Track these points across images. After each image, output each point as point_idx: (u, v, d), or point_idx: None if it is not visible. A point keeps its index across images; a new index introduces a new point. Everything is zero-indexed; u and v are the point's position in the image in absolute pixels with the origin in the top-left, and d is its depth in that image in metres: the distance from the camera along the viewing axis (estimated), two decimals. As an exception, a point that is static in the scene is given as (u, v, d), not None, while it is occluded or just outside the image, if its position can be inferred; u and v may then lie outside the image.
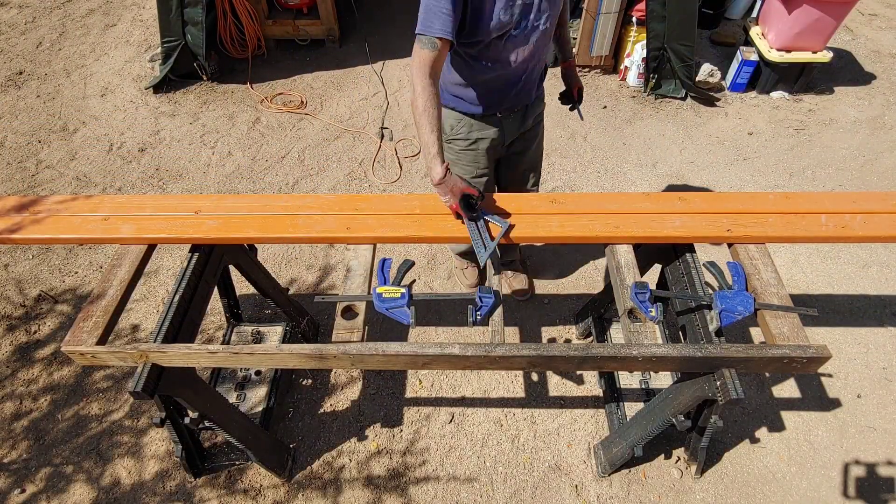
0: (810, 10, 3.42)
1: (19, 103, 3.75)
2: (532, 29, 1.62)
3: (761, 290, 1.48)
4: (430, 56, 1.51)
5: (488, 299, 1.42)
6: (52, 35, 4.39)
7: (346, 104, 3.80)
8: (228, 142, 3.49)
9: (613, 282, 1.58)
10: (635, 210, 1.65)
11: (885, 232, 1.59)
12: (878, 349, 2.45)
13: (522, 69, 1.73)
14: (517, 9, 1.55)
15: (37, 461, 2.08)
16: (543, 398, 2.29)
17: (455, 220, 1.62)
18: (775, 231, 1.59)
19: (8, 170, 3.27)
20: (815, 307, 1.57)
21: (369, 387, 2.32)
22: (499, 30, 1.56)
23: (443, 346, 1.37)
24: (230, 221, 1.64)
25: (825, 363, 1.35)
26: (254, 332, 2.34)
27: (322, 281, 2.72)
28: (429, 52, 1.51)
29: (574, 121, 3.70)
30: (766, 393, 2.31)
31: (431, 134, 1.51)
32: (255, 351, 1.40)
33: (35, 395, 2.27)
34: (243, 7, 3.77)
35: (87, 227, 1.63)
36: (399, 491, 2.03)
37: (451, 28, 1.49)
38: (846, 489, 2.04)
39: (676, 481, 2.05)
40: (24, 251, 2.83)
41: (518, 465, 2.10)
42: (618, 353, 1.34)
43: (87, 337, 1.40)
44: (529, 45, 1.65)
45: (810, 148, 3.51)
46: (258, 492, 2.01)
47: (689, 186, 3.24)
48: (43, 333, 2.48)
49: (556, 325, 2.56)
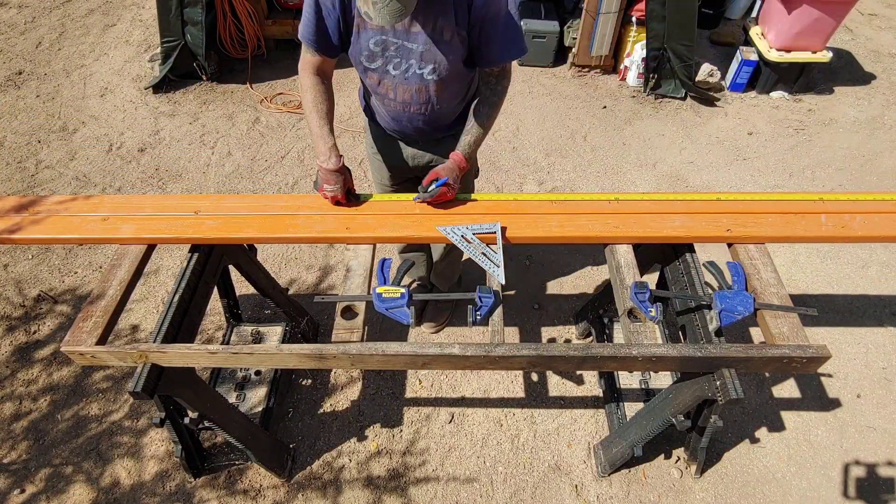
0: (810, 10, 3.42)
1: (19, 103, 3.75)
2: (413, 75, 1.52)
3: (761, 289, 1.48)
4: (312, 59, 1.55)
5: (488, 299, 1.42)
6: (52, 35, 4.38)
7: (345, 104, 3.80)
8: (228, 142, 3.49)
9: (613, 282, 1.58)
10: (635, 210, 1.65)
11: (884, 232, 1.60)
12: (877, 349, 2.45)
13: (403, 108, 1.64)
14: (391, 46, 1.47)
15: (36, 462, 2.08)
16: (543, 398, 2.29)
17: (454, 221, 1.62)
18: (775, 231, 1.59)
19: (7, 170, 3.27)
20: (815, 307, 1.57)
21: (369, 387, 2.32)
22: (368, 61, 1.52)
23: (442, 346, 1.37)
24: (230, 221, 1.64)
25: (825, 363, 1.35)
26: (253, 332, 2.34)
27: (322, 281, 2.72)
28: (310, 55, 1.55)
29: (574, 121, 3.71)
30: (765, 393, 2.31)
31: (323, 128, 1.56)
32: (255, 351, 1.40)
33: (35, 396, 2.27)
34: (243, 7, 3.77)
35: (87, 228, 1.63)
36: (399, 491, 2.02)
37: (312, 37, 1.49)
38: (846, 489, 2.04)
39: (676, 481, 2.05)
40: (24, 251, 2.83)
41: (518, 465, 2.10)
42: (617, 353, 1.34)
43: (87, 337, 1.40)
44: (410, 88, 1.55)
45: (810, 148, 3.51)
46: (258, 492, 2.01)
47: (689, 186, 3.24)
48: (42, 334, 2.48)
49: (556, 325, 2.56)
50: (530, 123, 3.68)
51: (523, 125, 3.67)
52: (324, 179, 1.58)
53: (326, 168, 1.56)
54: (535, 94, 3.93)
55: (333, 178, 1.57)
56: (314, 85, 1.57)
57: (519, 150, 3.49)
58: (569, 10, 4.15)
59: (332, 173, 1.57)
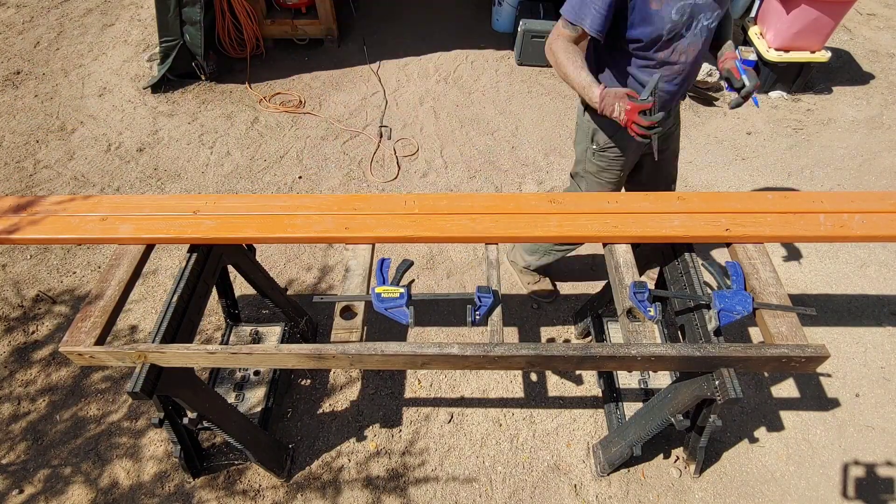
0: (809, 10, 3.42)
1: (17, 103, 3.74)
2: (702, 28, 1.63)
3: (760, 289, 1.48)
4: (572, 35, 1.61)
5: (487, 299, 1.42)
6: (50, 35, 4.38)
7: (344, 104, 3.80)
8: (227, 141, 3.49)
9: (612, 281, 1.58)
10: (634, 210, 1.65)
11: (883, 231, 1.60)
12: (876, 348, 2.46)
13: (689, 69, 1.74)
14: (688, 9, 1.56)
15: (35, 462, 2.08)
16: (542, 398, 2.29)
17: (452, 220, 1.62)
18: (774, 230, 1.59)
19: (6, 170, 3.26)
20: (814, 307, 1.57)
21: (368, 387, 2.32)
22: (669, 33, 1.58)
23: (442, 346, 1.36)
24: (229, 221, 1.64)
25: (823, 362, 1.35)
26: (252, 332, 2.33)
27: (321, 281, 2.72)
28: (570, 32, 1.60)
29: (573, 121, 3.70)
30: (764, 392, 2.31)
31: (580, 70, 1.60)
32: (254, 351, 1.39)
33: (33, 397, 2.27)
34: (242, 6, 3.76)
35: (86, 228, 1.62)
36: (398, 491, 2.02)
37: (602, 27, 1.56)
38: (845, 488, 2.04)
39: (675, 481, 2.05)
40: (22, 251, 2.82)
41: (517, 464, 2.10)
42: (617, 352, 1.35)
43: (86, 337, 1.39)
44: (698, 43, 1.66)
45: (809, 147, 3.52)
46: (257, 492, 2.01)
47: (687, 186, 3.24)
48: (41, 334, 2.48)
49: (555, 324, 2.56)
50: (529, 123, 3.68)
51: (522, 125, 3.67)
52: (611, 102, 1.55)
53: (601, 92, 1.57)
54: (534, 94, 3.93)
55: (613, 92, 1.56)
56: (567, 47, 1.62)
57: (518, 149, 3.49)
58: (568, 10, 4.14)
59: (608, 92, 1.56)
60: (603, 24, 1.57)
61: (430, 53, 4.26)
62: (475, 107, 3.81)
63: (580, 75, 1.60)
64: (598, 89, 1.57)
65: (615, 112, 1.55)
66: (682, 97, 1.93)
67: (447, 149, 3.48)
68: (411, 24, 4.53)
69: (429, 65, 4.17)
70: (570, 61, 1.61)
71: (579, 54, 1.62)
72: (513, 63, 4.20)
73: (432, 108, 3.79)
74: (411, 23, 4.55)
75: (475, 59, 4.23)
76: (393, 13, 4.65)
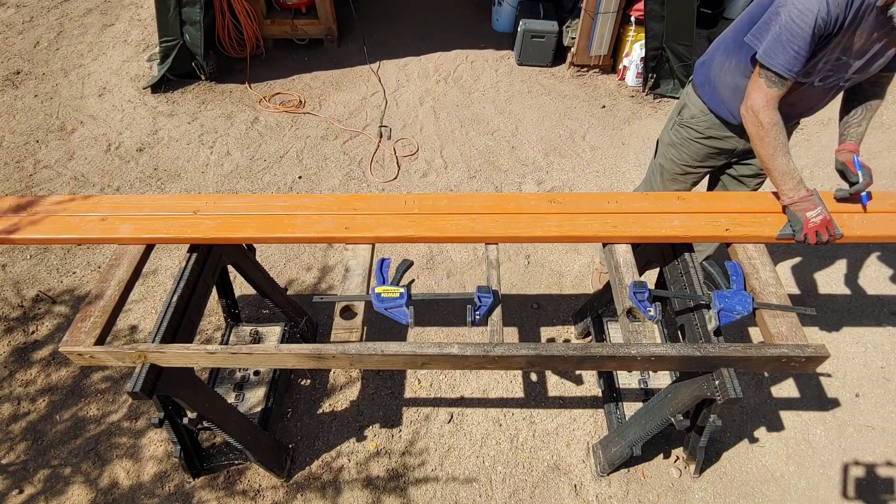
0: (808, 10, 3.42)
1: (17, 103, 3.74)
2: (833, 87, 1.59)
3: (760, 289, 1.48)
4: (780, 92, 1.51)
5: (487, 299, 1.42)
6: (50, 34, 4.38)
7: (344, 104, 3.80)
8: (227, 141, 3.49)
9: (612, 281, 1.58)
10: (634, 210, 1.65)
11: (883, 231, 1.60)
12: (876, 348, 2.46)
13: (797, 111, 1.70)
14: (835, 63, 1.51)
15: (35, 462, 2.08)
16: (542, 398, 2.29)
17: (452, 220, 1.62)
18: (774, 230, 1.59)
19: (6, 170, 3.26)
20: (814, 307, 1.57)
21: (368, 387, 2.32)
22: (804, 76, 1.54)
23: (441, 346, 1.36)
24: (228, 221, 1.64)
25: (823, 362, 1.35)
26: (252, 332, 2.33)
27: (321, 281, 2.72)
28: (778, 90, 1.51)
29: (573, 121, 3.71)
30: (764, 392, 2.31)
31: (790, 163, 1.54)
32: (254, 351, 1.39)
33: (33, 397, 2.27)
34: (242, 6, 3.76)
35: (85, 227, 1.62)
36: (398, 491, 2.02)
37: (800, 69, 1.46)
38: (844, 488, 2.04)
39: (675, 480, 2.05)
40: (22, 251, 2.82)
41: (517, 464, 2.10)
42: (616, 352, 1.35)
43: (86, 337, 1.39)
44: (820, 96, 1.63)
45: (809, 147, 3.52)
46: (257, 492, 2.01)
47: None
48: (41, 334, 2.48)
49: (555, 324, 2.56)
50: (529, 123, 3.68)
51: (522, 125, 3.67)
52: (805, 209, 1.52)
53: (801, 195, 1.53)
54: (533, 94, 3.93)
55: (813, 201, 1.52)
56: (778, 121, 1.53)
57: (518, 149, 3.49)
58: (567, 10, 4.15)
59: (810, 198, 1.53)
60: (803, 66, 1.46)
61: (430, 53, 4.26)
62: (475, 107, 3.81)
63: (791, 166, 1.54)
64: (805, 191, 1.53)
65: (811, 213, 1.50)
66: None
67: (447, 149, 3.48)
68: (411, 24, 4.53)
69: (429, 65, 4.17)
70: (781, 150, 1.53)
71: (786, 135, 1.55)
72: (513, 63, 4.20)
73: (432, 108, 3.79)
74: (411, 23, 4.55)
75: (475, 59, 4.23)
76: (393, 13, 4.65)
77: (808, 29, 1.37)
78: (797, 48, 1.40)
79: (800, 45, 1.40)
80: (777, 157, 1.54)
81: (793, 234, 1.55)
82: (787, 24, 1.39)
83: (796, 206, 1.54)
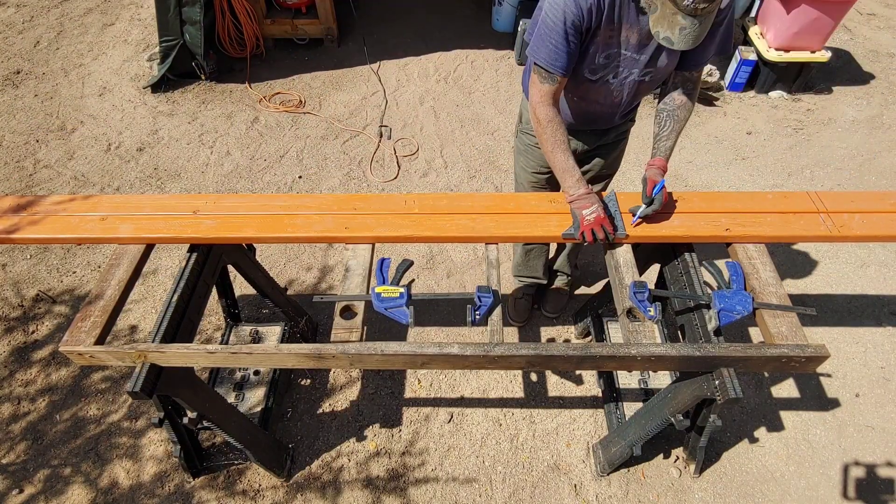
0: (809, 10, 3.42)
1: (17, 102, 3.74)
2: (631, 81, 1.57)
3: (760, 289, 1.48)
4: (552, 87, 1.51)
5: (487, 299, 1.42)
6: (50, 34, 4.37)
7: (344, 103, 3.80)
8: (227, 141, 3.49)
9: (612, 281, 1.58)
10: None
11: (883, 231, 1.60)
12: (876, 348, 2.46)
13: (607, 109, 1.69)
14: (618, 58, 1.50)
15: (35, 462, 2.08)
16: (542, 398, 2.29)
17: (452, 220, 1.62)
18: (774, 230, 1.59)
19: (5, 169, 3.26)
20: (814, 307, 1.57)
21: (368, 387, 2.32)
22: (591, 73, 1.54)
23: (441, 346, 1.36)
24: (228, 221, 1.64)
25: (823, 362, 1.35)
26: (252, 332, 2.33)
27: (321, 281, 2.72)
28: (549, 86, 1.51)
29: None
30: (764, 392, 2.31)
31: (568, 161, 1.54)
32: (254, 351, 1.39)
33: (33, 397, 2.27)
34: (242, 6, 3.76)
35: (85, 227, 1.62)
36: (398, 491, 2.02)
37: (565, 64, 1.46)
38: (845, 488, 2.04)
39: (675, 480, 2.05)
40: (22, 251, 2.82)
41: (517, 464, 2.10)
42: (616, 352, 1.35)
43: (86, 337, 1.40)
44: (622, 92, 1.61)
45: (809, 147, 3.52)
46: (257, 492, 2.01)
47: (687, 185, 3.24)
48: (41, 334, 2.48)
49: (555, 324, 2.56)
50: (529, 123, 3.68)
51: (522, 125, 3.67)
52: (581, 206, 1.53)
53: (579, 194, 1.53)
54: (534, 94, 3.92)
55: (589, 199, 1.53)
56: (554, 117, 1.54)
57: (518, 149, 3.49)
58: (568, 10, 4.14)
59: (587, 196, 1.53)
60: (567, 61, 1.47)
61: (430, 53, 4.26)
62: (475, 107, 3.81)
63: (569, 164, 1.54)
64: (584, 188, 1.53)
65: (586, 211, 1.51)
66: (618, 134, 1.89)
67: (447, 148, 3.48)
68: (411, 24, 4.53)
69: (429, 65, 4.17)
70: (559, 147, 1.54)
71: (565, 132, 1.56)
72: (513, 63, 4.19)
73: (432, 108, 3.79)
74: (411, 23, 4.55)
75: (475, 59, 4.23)
76: (393, 13, 4.65)
77: (559, 22, 1.39)
78: (555, 42, 1.42)
79: (557, 39, 1.41)
80: (555, 153, 1.55)
81: (573, 233, 1.56)
82: (543, 19, 1.43)
83: (574, 203, 1.54)
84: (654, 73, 1.56)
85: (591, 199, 1.53)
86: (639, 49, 1.48)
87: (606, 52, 1.48)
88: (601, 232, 1.52)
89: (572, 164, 1.55)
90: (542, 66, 1.48)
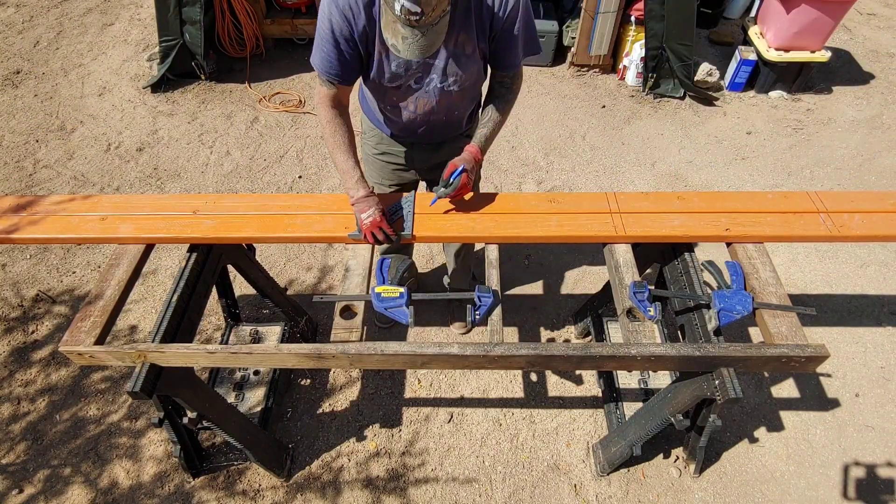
0: (808, 10, 3.42)
1: (17, 102, 3.74)
2: (435, 88, 1.52)
3: (760, 289, 1.48)
4: (329, 91, 1.51)
5: (487, 299, 1.42)
6: (50, 34, 4.37)
7: (344, 104, 3.80)
8: (227, 141, 3.49)
9: (612, 281, 1.58)
10: (634, 210, 1.65)
11: (883, 231, 1.60)
12: (876, 348, 2.46)
13: (423, 118, 1.63)
14: (413, 65, 1.45)
15: (34, 462, 2.08)
16: (542, 398, 2.29)
17: (454, 220, 1.62)
18: (774, 230, 1.59)
19: (5, 169, 3.26)
20: (814, 306, 1.57)
21: (368, 386, 2.32)
22: (390, 81, 1.50)
23: (441, 346, 1.36)
24: (228, 221, 1.64)
25: (823, 362, 1.35)
26: (252, 332, 2.33)
27: (321, 281, 2.72)
28: (327, 90, 1.51)
29: (573, 120, 3.70)
30: (764, 392, 2.31)
31: (348, 161, 1.53)
32: (254, 351, 1.39)
33: (33, 397, 2.26)
34: (242, 6, 3.76)
35: (85, 227, 1.62)
36: (398, 491, 2.02)
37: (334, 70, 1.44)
38: (844, 488, 2.04)
39: (675, 480, 2.05)
40: (22, 251, 2.82)
41: (517, 464, 2.10)
42: (616, 352, 1.35)
43: (85, 337, 1.39)
44: (431, 100, 1.56)
45: (808, 147, 3.52)
46: (257, 492, 2.01)
47: (687, 185, 3.24)
48: (41, 334, 2.48)
49: (555, 324, 2.56)
50: (529, 123, 3.68)
51: (522, 125, 3.67)
52: (359, 210, 1.53)
53: (357, 196, 1.53)
54: (533, 94, 3.93)
55: (367, 202, 1.52)
56: (333, 118, 1.54)
57: (518, 149, 3.49)
58: (567, 10, 4.15)
59: (365, 199, 1.52)
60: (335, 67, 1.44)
61: (430, 53, 4.25)
62: (475, 106, 3.81)
63: (349, 165, 1.53)
64: (364, 190, 1.52)
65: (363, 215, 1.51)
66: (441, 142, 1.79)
67: (447, 148, 3.48)
68: (411, 24, 4.52)
69: (429, 64, 4.17)
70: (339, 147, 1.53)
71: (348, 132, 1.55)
72: (513, 63, 4.19)
73: (432, 108, 3.78)
74: (411, 22, 4.54)
75: (475, 58, 4.22)
76: (393, 13, 4.64)
77: (326, 30, 1.38)
78: (326, 49, 1.41)
79: (328, 47, 1.40)
80: (336, 154, 1.55)
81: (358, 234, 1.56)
82: (318, 26, 1.41)
83: (355, 206, 1.54)
84: (459, 80, 1.50)
85: (369, 202, 1.52)
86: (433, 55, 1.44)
87: (397, 59, 1.45)
88: (381, 234, 1.52)
89: (352, 165, 1.54)
90: (317, 71, 1.47)
